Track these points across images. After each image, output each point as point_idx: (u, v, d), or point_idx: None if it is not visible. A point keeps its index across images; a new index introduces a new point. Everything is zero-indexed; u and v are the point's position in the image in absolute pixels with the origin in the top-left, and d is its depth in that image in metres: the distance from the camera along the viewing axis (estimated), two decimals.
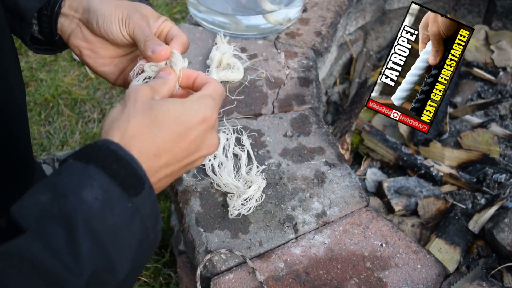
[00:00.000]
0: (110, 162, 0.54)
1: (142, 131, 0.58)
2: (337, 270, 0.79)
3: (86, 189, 0.52)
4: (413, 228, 1.15)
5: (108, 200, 0.53)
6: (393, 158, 1.28)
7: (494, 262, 1.05)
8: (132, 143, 0.57)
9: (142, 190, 0.55)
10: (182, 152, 0.61)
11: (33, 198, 0.52)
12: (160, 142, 0.59)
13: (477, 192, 1.22)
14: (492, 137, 1.33)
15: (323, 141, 0.99)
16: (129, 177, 0.54)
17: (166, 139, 0.59)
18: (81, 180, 0.53)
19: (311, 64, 1.16)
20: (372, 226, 0.85)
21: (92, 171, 0.53)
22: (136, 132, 0.57)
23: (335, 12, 1.32)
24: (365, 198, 0.89)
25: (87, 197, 0.52)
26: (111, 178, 0.53)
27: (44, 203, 0.51)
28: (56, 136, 1.60)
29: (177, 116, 0.60)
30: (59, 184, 0.53)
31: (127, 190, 0.54)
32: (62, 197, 0.51)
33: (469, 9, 1.70)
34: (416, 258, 0.81)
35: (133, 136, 0.57)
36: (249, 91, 1.09)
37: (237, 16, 1.19)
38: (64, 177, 0.53)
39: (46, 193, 0.52)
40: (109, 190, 0.53)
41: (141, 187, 0.55)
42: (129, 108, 0.59)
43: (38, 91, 1.76)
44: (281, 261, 0.80)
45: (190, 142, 0.62)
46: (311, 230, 0.84)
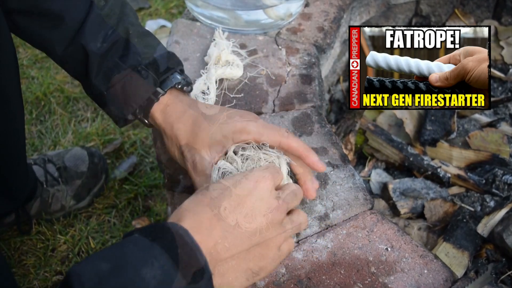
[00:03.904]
0: (176, 247, 0.58)
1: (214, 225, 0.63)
2: (340, 275, 0.79)
3: (146, 266, 0.55)
4: (420, 231, 1.15)
5: (165, 282, 0.55)
6: (398, 159, 1.28)
7: (504, 266, 1.05)
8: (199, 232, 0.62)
9: (200, 280, 0.58)
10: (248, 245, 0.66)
11: (93, 265, 0.55)
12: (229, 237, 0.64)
13: (486, 194, 1.22)
14: (501, 136, 1.33)
15: (326, 141, 0.99)
16: (191, 265, 0.58)
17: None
18: (144, 256, 0.56)
19: (314, 60, 1.16)
20: (376, 230, 0.85)
21: (156, 250, 0.57)
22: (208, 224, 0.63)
23: (338, 6, 1.32)
24: (369, 200, 0.89)
25: (146, 275, 0.54)
26: (173, 262, 0.56)
27: (103, 272, 0.54)
28: (48, 135, 1.60)
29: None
30: (121, 257, 0.56)
31: (186, 277, 0.57)
32: (122, 268, 0.54)
33: (478, 4, 1.70)
34: (422, 263, 0.81)
35: (203, 227, 0.63)
36: (249, 89, 1.09)
37: (237, 10, 1.19)
38: (127, 250, 0.57)
39: (107, 262, 0.55)
40: (169, 273, 0.56)
41: (200, 276, 0.58)
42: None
43: (29, 89, 1.76)
44: (282, 266, 0.80)
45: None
46: (313, 233, 0.84)
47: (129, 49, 0.86)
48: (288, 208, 0.72)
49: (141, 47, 0.86)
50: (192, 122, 0.82)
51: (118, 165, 1.51)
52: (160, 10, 2.07)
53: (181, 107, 0.85)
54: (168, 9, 2.08)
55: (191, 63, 1.14)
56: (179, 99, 0.87)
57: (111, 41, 0.86)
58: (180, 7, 2.09)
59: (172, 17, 2.04)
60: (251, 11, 1.19)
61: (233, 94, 1.07)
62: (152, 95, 0.84)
